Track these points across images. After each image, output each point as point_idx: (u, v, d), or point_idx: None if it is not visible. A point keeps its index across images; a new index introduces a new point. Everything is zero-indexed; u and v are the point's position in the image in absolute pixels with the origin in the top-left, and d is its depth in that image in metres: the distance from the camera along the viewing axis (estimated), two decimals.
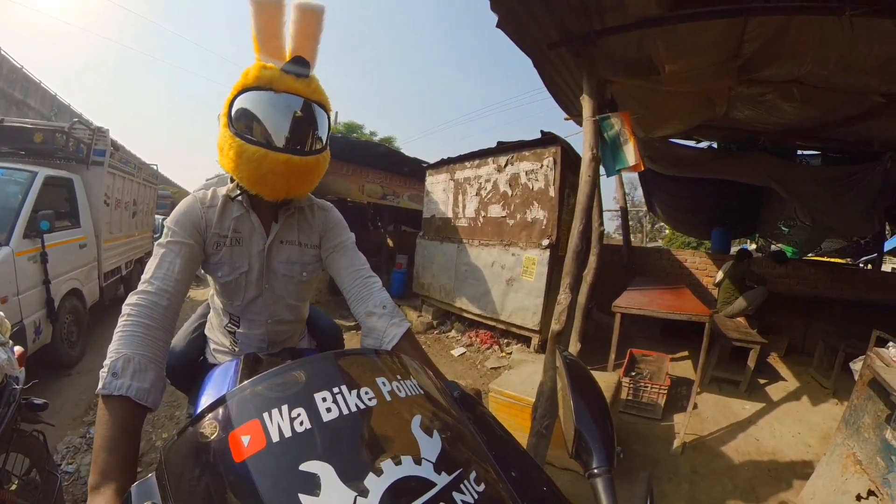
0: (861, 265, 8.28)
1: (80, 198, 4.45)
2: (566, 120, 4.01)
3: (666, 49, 2.86)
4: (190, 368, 1.30)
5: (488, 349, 5.07)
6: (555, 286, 3.03)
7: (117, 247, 5.59)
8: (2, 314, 1.71)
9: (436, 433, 0.56)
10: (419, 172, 7.55)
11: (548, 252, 4.63)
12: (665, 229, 18.06)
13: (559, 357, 0.80)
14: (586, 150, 2.71)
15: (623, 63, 3.18)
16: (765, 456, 3.02)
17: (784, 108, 3.66)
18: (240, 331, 1.22)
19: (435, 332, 5.93)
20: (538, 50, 3.08)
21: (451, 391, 0.76)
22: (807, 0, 2.31)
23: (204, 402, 1.01)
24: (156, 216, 8.22)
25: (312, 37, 1.02)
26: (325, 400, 0.55)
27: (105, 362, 0.79)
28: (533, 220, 4.90)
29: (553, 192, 4.69)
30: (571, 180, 4.70)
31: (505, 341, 5.18)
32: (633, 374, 3.72)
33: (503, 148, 5.36)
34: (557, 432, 2.35)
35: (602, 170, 2.91)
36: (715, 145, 5.56)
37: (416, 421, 0.56)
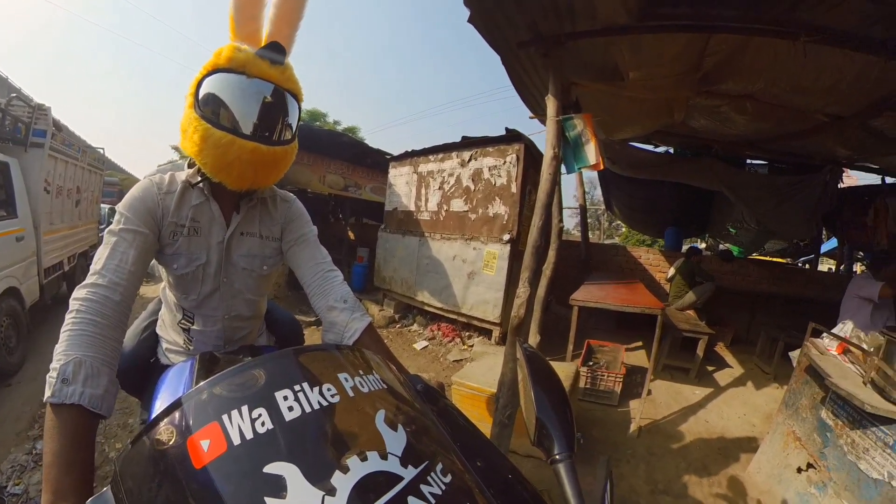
0: (800, 265, 8.96)
1: (16, 184, 3.97)
2: (531, 118, 4.07)
3: (631, 57, 2.97)
4: (141, 370, 1.23)
5: (450, 342, 5.11)
6: (515, 280, 3.09)
7: (59, 239, 5.10)
8: None
9: (401, 427, 0.56)
10: (382, 164, 7.42)
11: (508, 247, 4.70)
12: (622, 227, 18.77)
13: (519, 349, 0.82)
14: (548, 149, 2.77)
15: (589, 67, 3.27)
16: (714, 436, 3.25)
17: (737, 120, 3.92)
18: (194, 328, 1.16)
19: (397, 325, 5.90)
20: (508, 48, 3.10)
21: (415, 385, 0.77)
22: (767, 23, 2.45)
23: (158, 407, 0.97)
24: (102, 205, 7.62)
25: (291, 23, 0.98)
26: (286, 399, 0.53)
27: (52, 366, 0.72)
28: (494, 215, 4.95)
29: (515, 188, 4.75)
30: (533, 177, 4.79)
31: (467, 334, 5.24)
32: (591, 363, 3.87)
33: (467, 143, 5.37)
34: (519, 421, 2.41)
35: (563, 167, 2.98)
36: (672, 150, 5.90)
37: (381, 416, 0.56)
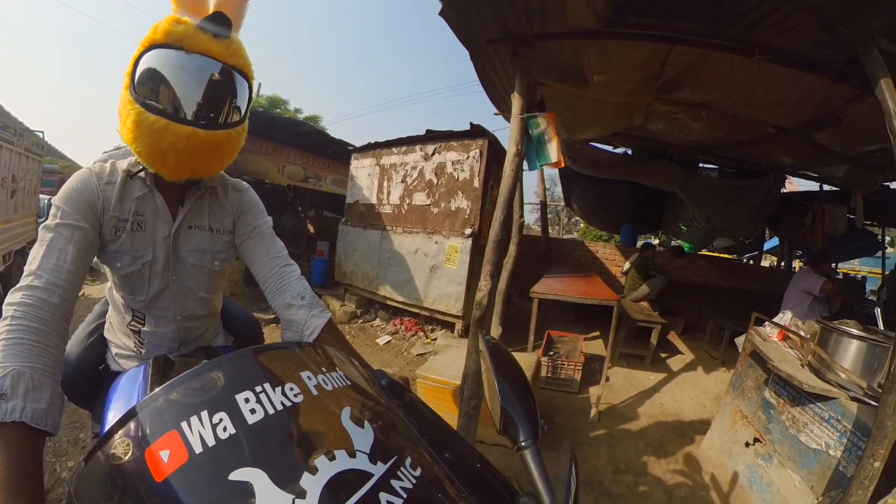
0: (745, 261, 9.70)
1: None
2: (496, 115, 4.11)
3: (597, 61, 3.09)
4: (90, 379, 1.13)
5: (413, 336, 5.10)
6: (476, 273, 3.12)
7: None
8: None
9: (367, 423, 0.56)
10: (344, 155, 7.25)
11: (470, 241, 4.75)
12: (580, 223, 19.35)
13: (482, 341, 0.82)
14: (511, 145, 2.80)
15: (556, 68, 3.34)
16: (669, 417, 3.47)
17: (693, 126, 4.17)
18: (145, 329, 1.08)
19: (359, 321, 5.82)
20: (477, 44, 3.11)
21: (379, 380, 0.76)
22: (726, 39, 2.64)
23: (111, 418, 0.91)
24: (41, 196, 6.75)
25: None
26: (248, 401, 0.51)
27: None
28: (457, 209, 4.97)
29: (478, 183, 4.80)
30: (496, 173, 4.83)
31: (429, 328, 5.25)
32: (551, 353, 4.02)
33: (431, 136, 5.36)
34: (485, 412, 2.44)
35: (525, 164, 3.03)
36: (630, 152, 6.18)
37: (346, 413, 0.56)
